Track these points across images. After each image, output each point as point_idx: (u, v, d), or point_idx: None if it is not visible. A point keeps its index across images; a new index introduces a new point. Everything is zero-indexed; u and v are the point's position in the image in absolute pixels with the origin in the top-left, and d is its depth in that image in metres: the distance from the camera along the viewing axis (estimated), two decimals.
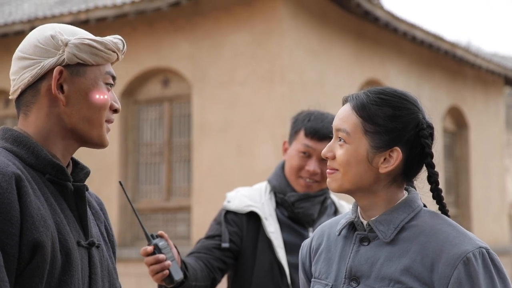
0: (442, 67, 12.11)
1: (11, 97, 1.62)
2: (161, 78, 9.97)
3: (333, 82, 9.61)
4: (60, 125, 1.57)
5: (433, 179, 1.68)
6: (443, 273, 1.56)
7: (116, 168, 9.78)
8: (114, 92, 1.65)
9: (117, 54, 1.63)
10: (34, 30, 1.62)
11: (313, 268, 1.78)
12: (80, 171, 1.63)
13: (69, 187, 1.56)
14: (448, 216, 1.69)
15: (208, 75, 9.32)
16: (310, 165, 2.60)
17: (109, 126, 1.63)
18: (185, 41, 9.50)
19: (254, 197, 2.67)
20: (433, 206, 1.73)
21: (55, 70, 1.55)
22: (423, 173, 1.71)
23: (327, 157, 1.69)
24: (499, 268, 1.59)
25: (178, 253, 2.33)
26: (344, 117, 1.68)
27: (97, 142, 1.61)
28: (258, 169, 8.59)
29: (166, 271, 2.21)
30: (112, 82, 1.63)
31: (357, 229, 1.70)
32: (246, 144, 8.97)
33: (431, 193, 1.69)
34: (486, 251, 1.58)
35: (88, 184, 1.64)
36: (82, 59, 1.57)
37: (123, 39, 1.66)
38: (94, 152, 7.91)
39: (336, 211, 2.74)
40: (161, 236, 2.24)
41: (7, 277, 1.38)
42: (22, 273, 1.41)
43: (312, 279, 1.77)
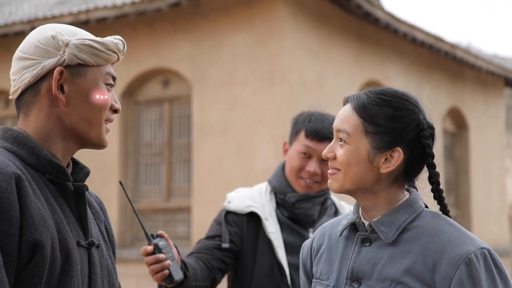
0: (442, 68, 12.11)
1: (11, 97, 1.62)
2: (161, 79, 9.97)
3: (333, 82, 9.61)
4: (60, 125, 1.57)
5: (434, 180, 1.68)
6: (445, 274, 1.56)
7: (116, 169, 9.78)
8: (114, 92, 1.65)
9: (117, 55, 1.63)
10: (35, 30, 1.62)
11: (314, 269, 1.78)
12: (80, 171, 1.63)
13: (69, 187, 1.56)
14: (449, 216, 1.69)
15: (208, 76, 9.32)
16: (311, 166, 2.60)
17: (108, 127, 1.63)
18: (185, 41, 9.50)
19: (254, 197, 2.67)
20: (434, 206, 1.73)
21: (55, 71, 1.55)
22: (424, 173, 1.71)
23: (328, 157, 1.69)
24: (500, 268, 1.59)
25: (178, 253, 2.33)
26: (345, 117, 1.68)
27: (96, 143, 1.61)
28: (258, 170, 8.59)
29: (166, 271, 2.21)
30: (112, 83, 1.63)
31: (358, 230, 1.70)
32: (246, 145, 8.97)
33: (432, 194, 1.69)
34: (488, 251, 1.59)
35: (88, 184, 1.64)
36: (82, 59, 1.57)
37: (124, 40, 1.66)
38: (94, 152, 7.91)
39: (336, 211, 2.74)
40: (161, 236, 2.24)
41: (7, 277, 1.38)
42: (22, 273, 1.41)
43: (313, 280, 1.77)
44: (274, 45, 8.93)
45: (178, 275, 2.25)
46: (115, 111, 1.64)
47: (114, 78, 1.64)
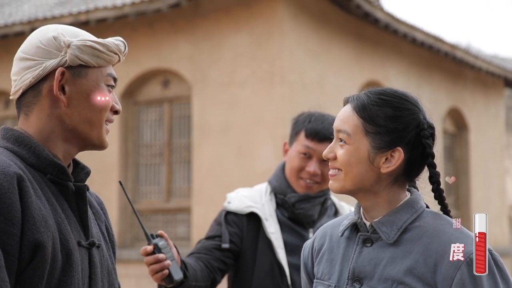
0: (442, 69, 12.11)
1: (12, 97, 1.62)
2: (161, 79, 9.97)
3: (333, 83, 9.61)
4: (61, 126, 1.57)
5: (434, 179, 1.68)
6: (446, 274, 1.56)
7: (116, 169, 9.78)
8: (114, 93, 1.65)
9: (118, 56, 1.63)
10: (36, 31, 1.62)
11: (315, 269, 1.78)
12: (81, 171, 1.64)
13: (70, 187, 1.57)
14: (450, 216, 1.69)
15: (208, 76, 9.32)
16: (311, 166, 2.60)
17: (108, 127, 1.63)
18: (185, 42, 9.51)
19: (254, 198, 2.67)
20: (435, 206, 1.73)
21: (57, 71, 1.55)
22: (425, 173, 1.71)
23: (328, 158, 1.69)
24: (502, 269, 1.60)
25: (178, 253, 2.33)
26: (345, 118, 1.68)
27: (97, 144, 1.61)
28: (258, 170, 8.59)
29: (166, 271, 2.20)
30: (113, 84, 1.63)
31: (360, 230, 1.70)
32: (246, 145, 8.97)
33: (433, 194, 1.70)
34: (489, 252, 1.59)
35: (88, 185, 1.64)
36: (84, 60, 1.57)
37: (125, 41, 1.66)
38: (94, 153, 7.87)
39: (336, 212, 2.74)
40: (161, 236, 2.25)
41: (8, 278, 1.38)
42: (23, 273, 1.41)
43: (315, 280, 1.77)
44: (274, 46, 8.93)
45: (178, 275, 2.24)
46: (115, 112, 1.64)
47: (115, 79, 1.64)
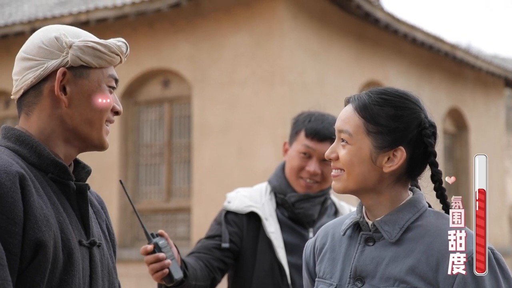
0: (442, 69, 12.11)
1: (13, 97, 1.63)
2: (161, 79, 9.97)
3: (333, 83, 9.61)
4: (62, 126, 1.58)
5: (436, 178, 1.68)
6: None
7: (116, 169, 9.78)
8: (115, 94, 1.66)
9: (120, 57, 1.63)
10: (39, 31, 1.63)
11: (317, 268, 1.78)
12: (82, 170, 1.64)
13: (71, 186, 1.57)
14: None
15: (208, 76, 9.33)
16: (311, 166, 2.61)
17: (108, 128, 1.63)
18: (185, 42, 9.51)
19: (254, 197, 2.67)
20: (436, 205, 1.73)
21: (58, 72, 1.56)
22: (427, 172, 1.71)
23: (330, 158, 1.70)
24: (504, 268, 1.60)
25: (178, 252, 2.33)
26: (346, 118, 1.69)
27: (97, 144, 1.61)
28: (258, 170, 8.59)
29: (166, 270, 2.21)
30: (114, 85, 1.64)
31: (362, 229, 1.71)
32: (246, 145, 8.97)
33: (435, 192, 1.70)
34: (491, 251, 1.60)
35: (89, 184, 1.65)
36: (85, 61, 1.58)
37: (127, 42, 1.66)
38: (94, 152, 7.87)
39: (336, 211, 2.74)
40: (161, 235, 2.25)
41: (10, 276, 1.38)
42: (24, 272, 1.42)
43: (316, 279, 1.77)
44: (274, 46, 8.93)
45: (178, 274, 2.25)
46: (116, 113, 1.64)
47: (116, 81, 1.64)
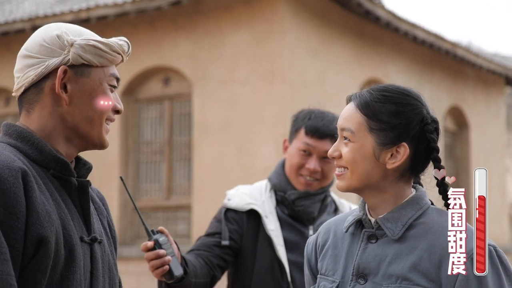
0: (443, 67, 12.11)
1: (14, 94, 1.63)
2: (162, 77, 9.98)
3: (334, 81, 9.62)
4: (63, 124, 1.58)
5: None
6: None
7: (117, 167, 9.79)
8: (115, 91, 1.66)
9: (121, 56, 1.64)
10: (40, 29, 1.63)
11: (319, 265, 1.78)
12: (83, 167, 1.65)
13: (73, 183, 1.58)
14: None
15: (208, 74, 9.33)
16: (311, 163, 2.61)
17: (109, 127, 1.64)
18: (186, 39, 9.51)
19: (254, 195, 2.67)
20: (438, 203, 1.73)
21: (59, 70, 1.56)
22: (429, 169, 1.71)
23: (333, 156, 1.70)
24: (506, 266, 1.60)
25: (178, 249, 2.34)
26: (348, 116, 1.69)
27: (97, 143, 1.62)
28: (259, 168, 8.60)
29: (166, 267, 2.21)
30: (116, 84, 1.64)
31: (364, 226, 1.71)
32: (247, 143, 8.97)
33: (438, 188, 1.70)
34: (493, 249, 1.60)
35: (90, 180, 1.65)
36: (87, 60, 1.58)
37: (128, 41, 1.66)
38: (94, 150, 7.91)
39: (336, 209, 2.74)
40: (161, 232, 2.25)
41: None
42: (26, 267, 1.42)
43: (318, 276, 1.77)
44: (274, 44, 8.93)
45: (178, 271, 2.25)
46: (117, 111, 1.65)
47: (117, 79, 1.65)
